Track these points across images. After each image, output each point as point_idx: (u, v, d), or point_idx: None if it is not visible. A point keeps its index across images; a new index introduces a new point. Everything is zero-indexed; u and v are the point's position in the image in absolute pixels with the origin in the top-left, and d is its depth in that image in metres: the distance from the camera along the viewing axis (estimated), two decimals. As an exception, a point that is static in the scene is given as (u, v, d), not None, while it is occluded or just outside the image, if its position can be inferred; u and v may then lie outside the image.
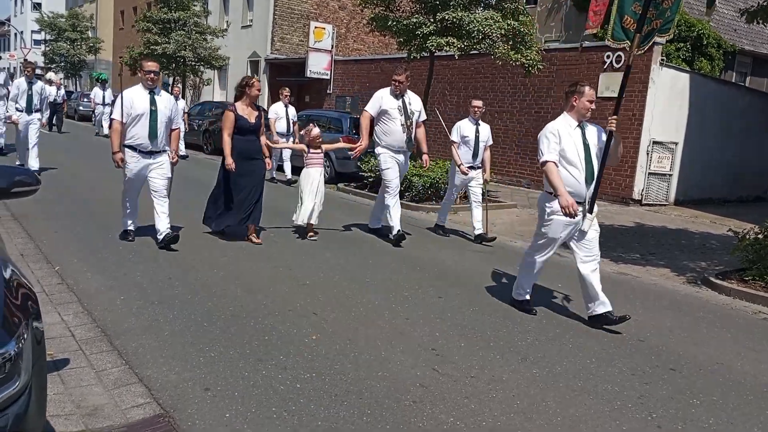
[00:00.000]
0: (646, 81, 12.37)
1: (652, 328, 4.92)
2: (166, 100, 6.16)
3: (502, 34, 10.94)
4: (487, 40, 10.96)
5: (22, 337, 1.94)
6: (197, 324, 4.21)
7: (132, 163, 6.09)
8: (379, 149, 7.34)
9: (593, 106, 4.91)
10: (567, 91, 5.03)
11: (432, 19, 11.10)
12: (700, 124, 13.44)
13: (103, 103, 20.10)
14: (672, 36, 5.54)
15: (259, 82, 6.70)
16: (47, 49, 35.91)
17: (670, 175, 13.15)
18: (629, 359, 4.18)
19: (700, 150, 13.52)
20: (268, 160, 6.99)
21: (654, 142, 12.69)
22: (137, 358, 3.60)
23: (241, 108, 6.61)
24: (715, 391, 3.76)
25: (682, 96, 13.09)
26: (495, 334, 4.49)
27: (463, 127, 7.85)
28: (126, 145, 6.06)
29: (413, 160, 11.10)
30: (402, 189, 10.78)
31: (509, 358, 4.05)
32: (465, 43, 10.88)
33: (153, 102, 6.02)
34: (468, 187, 7.97)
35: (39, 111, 10.97)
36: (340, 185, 12.23)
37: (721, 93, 14.34)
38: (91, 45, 36.44)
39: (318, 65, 20.59)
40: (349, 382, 3.50)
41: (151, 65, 6.10)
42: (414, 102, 7.39)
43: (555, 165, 4.65)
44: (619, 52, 12.81)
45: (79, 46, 35.64)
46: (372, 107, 7.25)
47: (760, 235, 6.53)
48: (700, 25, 17.50)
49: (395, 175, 7.25)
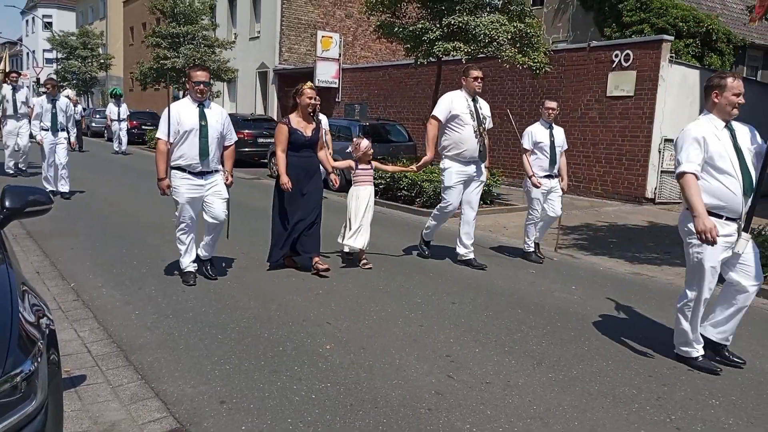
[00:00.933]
0: (656, 79, 12.30)
1: (668, 328, 4.87)
2: (217, 114, 5.44)
3: (509, 38, 10.92)
4: (494, 44, 10.96)
5: (37, 356, 1.96)
6: (211, 336, 4.23)
7: (183, 187, 5.30)
8: (446, 162, 6.44)
9: (741, 99, 4.02)
10: (705, 86, 4.19)
11: (438, 25, 11.12)
12: (712, 121, 13.31)
13: (119, 119, 19.75)
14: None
15: (311, 89, 5.79)
16: (59, 67, 36.37)
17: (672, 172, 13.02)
18: (646, 361, 4.14)
19: (713, 146, 13.39)
20: (334, 176, 6.15)
21: (666, 140, 12.59)
22: (153, 373, 3.63)
23: (296, 120, 5.81)
24: (734, 391, 3.72)
25: (692, 92, 12.99)
26: (509, 338, 4.46)
27: (536, 132, 6.93)
28: (173, 167, 5.33)
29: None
30: (413, 194, 10.81)
31: (524, 362, 4.03)
32: (472, 47, 10.88)
33: (203, 116, 5.30)
34: (547, 199, 7.01)
35: (65, 130, 10.38)
36: (351, 193, 12.23)
37: (733, 88, 14.20)
38: (102, 62, 36.89)
39: (326, 74, 20.68)
40: (364, 391, 3.50)
41: (200, 75, 5.30)
42: (484, 106, 6.56)
43: (695, 178, 3.81)
44: (628, 51, 12.77)
45: (90, 64, 36.10)
46: (441, 112, 6.34)
47: (776, 231, 6.42)
48: (709, 21, 17.38)
49: (455, 199, 6.49)
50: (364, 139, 6.58)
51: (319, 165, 6.05)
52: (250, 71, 25.53)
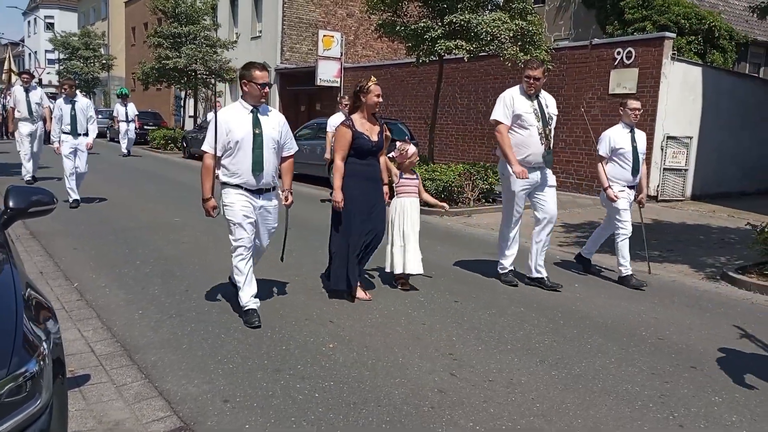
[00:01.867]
0: (658, 76, 12.28)
1: (671, 325, 4.88)
2: (273, 121, 4.54)
3: (511, 36, 10.92)
4: (496, 42, 10.95)
5: (42, 356, 1.97)
6: (215, 336, 4.24)
7: (238, 204, 4.42)
8: (508, 167, 5.62)
9: None
10: None
11: (440, 23, 11.12)
12: (715, 118, 13.30)
13: (126, 120, 19.21)
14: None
15: (377, 85, 5.09)
16: (61, 68, 36.45)
17: (686, 170, 13.03)
18: (649, 358, 4.15)
19: (716, 144, 13.39)
20: (387, 189, 5.33)
21: (668, 138, 12.59)
22: (157, 372, 3.64)
23: (360, 122, 5.02)
24: (737, 389, 3.71)
25: (695, 90, 12.98)
26: (512, 336, 4.47)
27: (615, 137, 6.05)
28: (225, 183, 4.51)
29: (425, 164, 11.11)
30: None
31: (527, 360, 4.03)
32: (474, 45, 10.88)
33: (257, 123, 4.42)
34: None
35: (86, 134, 9.48)
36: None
37: (735, 85, 14.19)
38: (104, 62, 36.94)
39: (328, 73, 20.68)
40: (367, 389, 3.50)
41: (262, 76, 4.43)
42: (551, 103, 5.73)
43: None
44: (630, 48, 12.75)
45: (92, 64, 36.16)
46: (503, 113, 5.60)
47: (779, 228, 6.41)
48: (711, 18, 17.35)
49: (521, 209, 5.79)
50: (411, 144, 5.65)
51: (381, 174, 5.25)
52: (252, 71, 25.52)
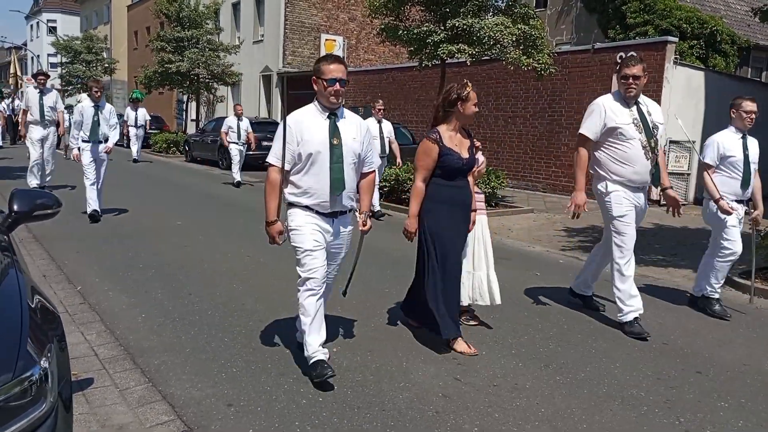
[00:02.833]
0: (661, 80, 12.29)
1: (676, 330, 4.86)
2: (354, 127, 3.68)
3: (513, 40, 10.93)
4: (498, 46, 10.96)
5: (47, 360, 1.96)
6: (218, 339, 4.23)
7: (307, 227, 3.58)
8: (609, 184, 4.70)
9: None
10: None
11: (442, 27, 11.13)
12: (717, 122, 13.23)
13: (135, 125, 18.61)
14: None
15: (474, 92, 4.14)
16: (64, 71, 36.52)
17: (689, 174, 13.01)
18: (654, 363, 4.13)
19: (718, 148, 13.37)
20: (474, 216, 4.37)
21: (671, 142, 12.57)
22: (160, 376, 3.63)
23: (448, 135, 4.09)
24: (743, 394, 3.70)
25: (697, 94, 12.98)
26: (516, 341, 4.45)
27: (725, 143, 5.26)
28: (293, 204, 3.65)
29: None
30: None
31: (531, 365, 4.02)
32: (476, 49, 10.88)
33: (335, 131, 3.56)
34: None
35: (106, 141, 8.63)
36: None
37: (738, 89, 14.12)
38: (107, 66, 37.01)
39: (330, 77, 20.68)
40: (371, 393, 3.49)
41: (336, 69, 3.55)
42: (654, 110, 4.81)
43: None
44: (632, 52, 12.75)
45: (94, 68, 36.21)
46: (592, 127, 4.67)
47: (784, 233, 6.36)
48: (713, 22, 17.36)
49: (632, 229, 4.79)
50: (481, 154, 4.63)
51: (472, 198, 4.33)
52: (254, 75, 25.59)
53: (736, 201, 5.26)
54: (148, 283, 5.55)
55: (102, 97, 8.58)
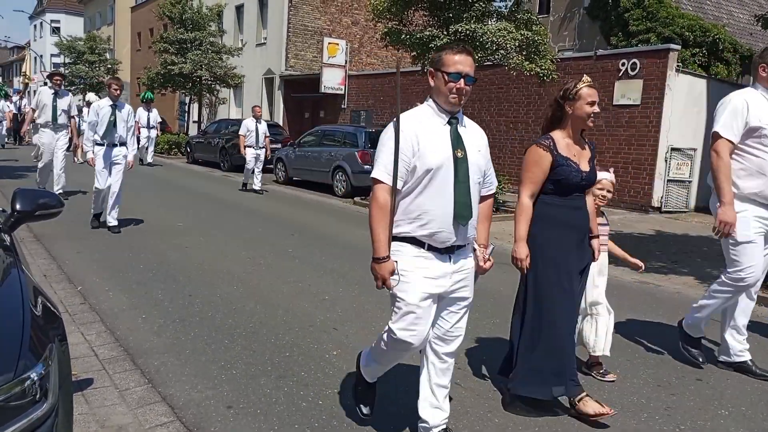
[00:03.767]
0: (663, 88, 12.30)
1: (676, 337, 4.84)
2: (476, 137, 2.86)
3: (516, 45, 10.95)
4: (501, 51, 10.98)
5: (48, 359, 1.96)
6: (218, 341, 4.23)
7: (415, 277, 2.70)
8: (737, 204, 3.79)
9: None
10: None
11: (445, 32, 11.15)
12: (719, 130, 13.30)
13: (148, 126, 17.90)
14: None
15: (592, 87, 3.32)
16: (67, 72, 36.58)
17: (690, 181, 13.02)
18: (654, 370, 4.12)
19: (720, 155, 13.37)
20: (597, 243, 3.55)
21: (672, 149, 12.59)
22: (160, 377, 3.62)
23: (564, 143, 3.35)
24: (743, 402, 3.69)
25: (699, 102, 12.99)
26: (517, 346, 4.44)
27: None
28: (400, 238, 2.73)
29: None
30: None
31: (532, 370, 4.00)
32: (479, 54, 10.91)
33: (458, 141, 2.75)
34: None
35: (125, 144, 7.92)
36: (357, 199, 12.26)
37: (739, 97, 14.20)
38: (109, 67, 37.05)
39: (332, 80, 20.74)
40: (371, 397, 3.48)
41: (464, 61, 2.73)
42: None
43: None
44: (635, 59, 12.77)
45: (97, 68, 36.27)
46: (729, 124, 3.80)
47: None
48: (715, 30, 17.40)
49: (760, 264, 3.87)
50: (606, 171, 3.87)
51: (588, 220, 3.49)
52: (257, 77, 25.61)
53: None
54: (148, 284, 5.55)
55: (119, 96, 7.91)
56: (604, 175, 3.79)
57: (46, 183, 10.31)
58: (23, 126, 11.35)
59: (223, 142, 17.91)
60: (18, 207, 2.62)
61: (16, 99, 23.02)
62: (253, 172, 12.99)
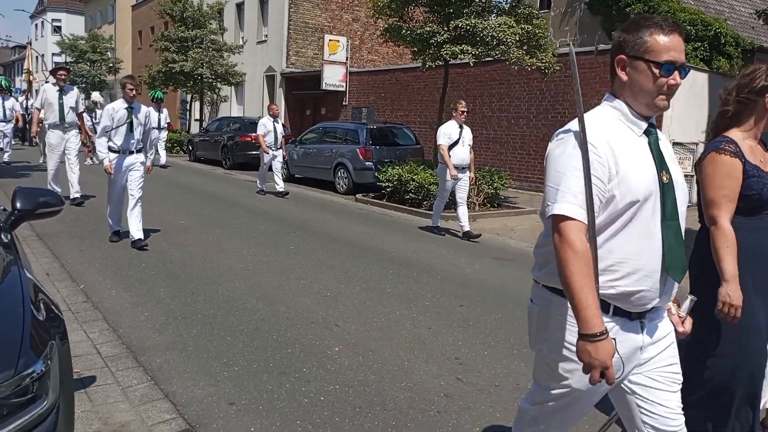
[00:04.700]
0: (664, 82, 12.26)
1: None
2: (670, 148, 2.07)
3: (517, 40, 10.93)
4: (502, 46, 10.96)
5: (49, 356, 1.97)
6: (220, 338, 4.24)
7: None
8: None
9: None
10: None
11: (446, 28, 11.13)
12: (721, 124, 13.28)
13: (158, 127, 16.49)
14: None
15: None
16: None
17: (692, 176, 12.98)
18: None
19: (722, 150, 13.36)
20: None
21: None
22: (162, 374, 3.63)
23: (748, 146, 2.65)
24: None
25: (701, 96, 12.97)
26: (518, 341, 4.44)
27: None
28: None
29: (430, 168, 11.04)
30: (420, 197, 10.74)
31: (533, 366, 4.00)
32: (479, 50, 10.89)
33: (661, 161, 1.94)
34: None
35: (142, 150, 7.12)
36: (359, 196, 12.26)
37: (741, 91, 14.17)
38: (111, 65, 37.10)
39: (333, 77, 20.73)
40: (372, 393, 3.49)
41: (677, 46, 1.91)
42: None
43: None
44: None
45: (99, 67, 36.31)
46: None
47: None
48: (717, 24, 17.34)
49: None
50: None
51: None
52: (258, 75, 25.60)
53: None
54: (150, 282, 5.56)
55: (134, 98, 7.01)
56: None
57: (58, 184, 9.51)
58: (33, 127, 10.83)
59: (225, 140, 17.92)
60: (19, 205, 2.63)
61: (21, 99, 23.00)
62: (270, 170, 12.40)
